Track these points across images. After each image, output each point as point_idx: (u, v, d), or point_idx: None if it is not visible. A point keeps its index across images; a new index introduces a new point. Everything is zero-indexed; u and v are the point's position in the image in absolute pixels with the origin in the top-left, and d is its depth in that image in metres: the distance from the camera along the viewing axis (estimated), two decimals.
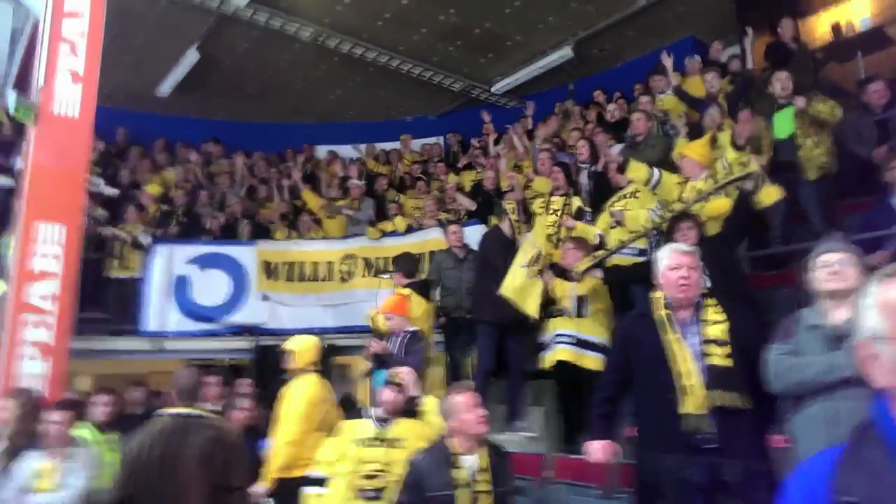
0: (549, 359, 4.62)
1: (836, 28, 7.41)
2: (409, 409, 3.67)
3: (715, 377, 2.62)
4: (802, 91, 5.31)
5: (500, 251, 5.24)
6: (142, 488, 2.73)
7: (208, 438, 2.78)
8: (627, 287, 4.97)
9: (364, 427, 3.57)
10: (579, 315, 4.54)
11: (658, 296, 2.89)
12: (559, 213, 5.57)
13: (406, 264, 5.74)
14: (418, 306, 5.29)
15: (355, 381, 6.49)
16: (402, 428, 3.53)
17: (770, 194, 4.26)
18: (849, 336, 2.24)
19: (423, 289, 5.45)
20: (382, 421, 3.56)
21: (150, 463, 2.73)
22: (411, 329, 4.90)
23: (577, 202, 5.63)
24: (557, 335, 4.57)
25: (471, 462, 2.88)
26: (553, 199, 5.68)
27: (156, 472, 2.72)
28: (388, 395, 3.58)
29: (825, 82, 6.33)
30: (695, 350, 2.71)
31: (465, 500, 2.78)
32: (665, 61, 7.00)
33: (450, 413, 2.95)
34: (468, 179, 8.33)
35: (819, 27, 8.00)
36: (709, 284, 3.55)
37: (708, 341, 2.69)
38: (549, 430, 5.08)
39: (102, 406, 4.94)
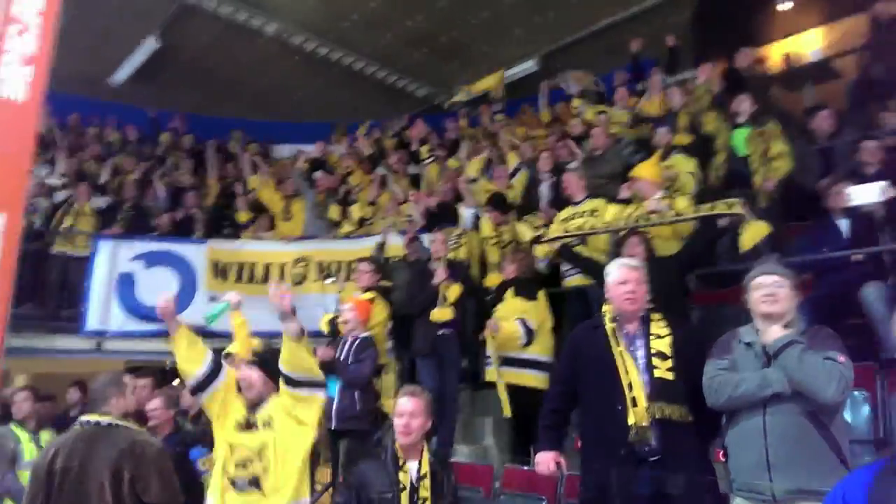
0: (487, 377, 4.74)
1: (788, 58, 7.69)
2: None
3: (658, 390, 2.68)
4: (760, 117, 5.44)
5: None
6: (49, 498, 2.59)
7: (118, 450, 2.68)
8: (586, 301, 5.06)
9: (241, 409, 3.17)
10: (529, 344, 4.53)
11: (606, 309, 2.95)
12: (510, 244, 5.68)
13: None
14: (380, 312, 5.24)
15: None
16: (273, 406, 3.11)
17: (754, 235, 4.21)
18: (780, 353, 2.35)
19: (385, 294, 5.40)
20: (253, 406, 3.15)
21: (54, 473, 2.60)
22: (363, 335, 4.85)
23: (526, 233, 5.58)
24: (486, 355, 4.68)
25: (414, 467, 2.87)
26: (503, 228, 5.78)
27: (62, 482, 2.59)
28: (244, 375, 3.14)
29: (775, 109, 6.54)
30: (640, 362, 2.77)
31: (406, 503, 2.77)
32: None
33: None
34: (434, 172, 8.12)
35: (773, 56, 8.30)
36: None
37: (653, 354, 2.76)
38: (500, 441, 5.08)
39: (21, 403, 4.80)
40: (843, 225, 4.21)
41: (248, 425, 3.08)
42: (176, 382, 6.86)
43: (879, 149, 4.70)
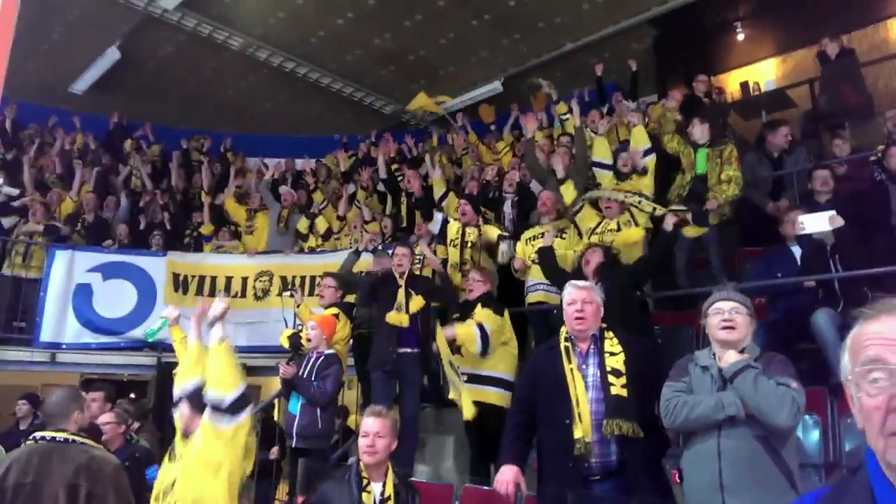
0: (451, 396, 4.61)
1: (744, 86, 7.98)
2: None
3: (613, 407, 2.73)
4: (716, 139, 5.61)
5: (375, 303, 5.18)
6: None
7: (75, 466, 2.61)
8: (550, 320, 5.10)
9: (178, 437, 3.09)
10: (484, 353, 4.48)
11: (563, 329, 3.02)
12: (475, 245, 5.58)
13: (342, 282, 5.63)
14: (343, 328, 5.21)
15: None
16: (192, 442, 2.96)
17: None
18: (735, 378, 2.42)
19: (349, 311, 5.36)
20: (185, 436, 3.06)
21: (6, 489, 2.51)
22: (327, 352, 4.78)
23: (493, 232, 5.60)
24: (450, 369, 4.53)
25: (378, 489, 2.84)
26: (468, 230, 5.64)
27: (14, 499, 2.50)
28: (182, 412, 3.04)
29: (732, 135, 6.76)
30: (592, 380, 2.83)
31: None
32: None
33: None
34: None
35: (729, 85, 8.61)
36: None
37: (608, 372, 2.81)
38: (460, 461, 5.07)
39: None
40: (797, 251, 4.34)
41: (171, 456, 3.05)
42: (130, 397, 6.70)
43: (831, 178, 4.87)
